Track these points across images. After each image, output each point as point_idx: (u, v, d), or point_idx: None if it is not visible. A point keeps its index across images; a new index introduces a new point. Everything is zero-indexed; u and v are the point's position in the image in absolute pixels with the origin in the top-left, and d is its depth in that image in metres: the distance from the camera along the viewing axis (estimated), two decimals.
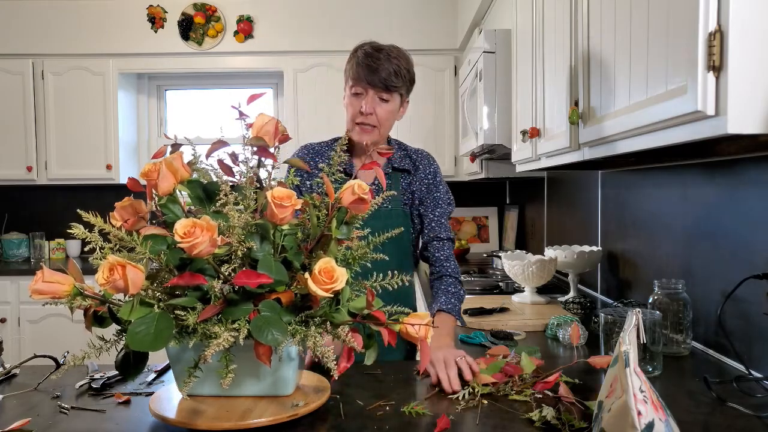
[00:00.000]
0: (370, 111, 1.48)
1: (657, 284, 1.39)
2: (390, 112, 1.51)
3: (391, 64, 1.47)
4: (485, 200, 4.14)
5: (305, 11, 3.75)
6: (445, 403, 1.06)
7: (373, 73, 1.46)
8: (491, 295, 2.27)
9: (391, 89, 1.48)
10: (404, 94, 1.55)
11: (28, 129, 3.72)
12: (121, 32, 3.73)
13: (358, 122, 1.50)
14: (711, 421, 0.98)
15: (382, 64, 1.46)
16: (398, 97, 1.52)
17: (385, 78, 1.46)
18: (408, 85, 1.54)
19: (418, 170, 1.62)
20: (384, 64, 1.46)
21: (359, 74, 1.47)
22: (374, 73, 1.46)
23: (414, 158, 1.63)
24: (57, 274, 0.90)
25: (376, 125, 1.50)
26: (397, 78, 1.48)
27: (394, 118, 1.55)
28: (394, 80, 1.47)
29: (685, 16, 0.90)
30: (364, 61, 1.47)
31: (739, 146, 1.22)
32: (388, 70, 1.46)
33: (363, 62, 1.47)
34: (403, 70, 1.50)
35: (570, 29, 1.48)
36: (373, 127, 1.50)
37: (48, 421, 1.00)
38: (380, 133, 1.52)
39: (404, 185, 1.60)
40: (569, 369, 1.20)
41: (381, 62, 1.46)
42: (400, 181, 1.60)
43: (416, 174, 1.61)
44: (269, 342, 0.88)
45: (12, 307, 3.50)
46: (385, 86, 1.47)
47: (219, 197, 0.98)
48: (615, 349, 0.86)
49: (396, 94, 1.51)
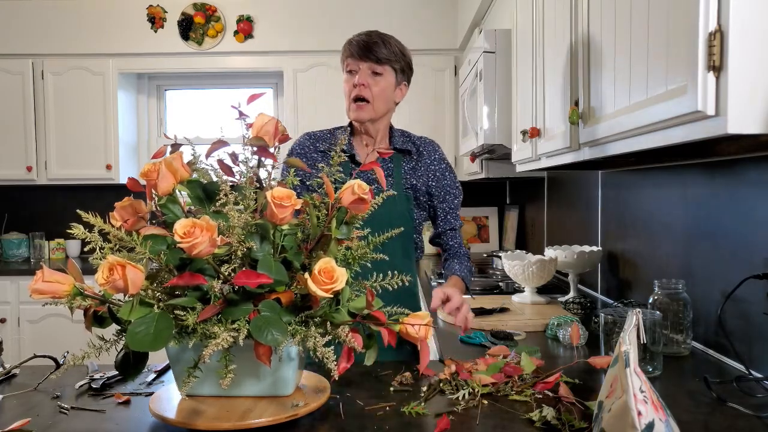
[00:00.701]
0: (363, 82, 1.53)
1: (657, 284, 1.39)
2: (383, 88, 1.55)
3: (385, 42, 1.55)
4: (485, 200, 4.14)
5: (305, 11, 3.75)
6: (445, 403, 1.06)
7: (366, 47, 1.53)
8: (491, 295, 2.27)
9: (383, 61, 1.53)
10: (398, 72, 1.58)
11: (28, 129, 3.72)
12: (121, 32, 3.73)
13: (353, 98, 1.54)
14: (711, 421, 0.98)
15: (374, 40, 1.54)
16: (392, 72, 1.57)
17: (376, 51, 1.52)
18: (402, 65, 1.59)
19: (422, 156, 1.65)
20: (375, 40, 1.54)
21: (351, 52, 1.55)
22: (367, 48, 1.53)
23: (418, 144, 1.66)
24: (57, 273, 0.90)
25: (369, 99, 1.54)
26: (388, 51, 1.54)
27: (390, 97, 1.59)
28: (384, 52, 1.53)
29: (685, 16, 0.90)
30: (357, 39, 1.55)
31: (739, 146, 1.22)
32: (379, 44, 1.53)
33: (356, 40, 1.55)
34: (396, 48, 1.56)
35: (570, 29, 1.48)
36: (367, 102, 1.54)
37: (48, 421, 1.00)
38: (374, 108, 1.55)
39: (407, 168, 1.62)
40: (569, 369, 1.20)
41: (372, 39, 1.54)
42: (402, 164, 1.63)
43: (420, 159, 1.64)
44: (269, 342, 0.88)
45: (12, 307, 3.50)
46: (377, 59, 1.53)
47: (219, 197, 0.98)
48: (615, 349, 0.86)
49: (388, 68, 1.55)
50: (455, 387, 1.11)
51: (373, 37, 1.54)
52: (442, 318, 1.81)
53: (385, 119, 1.62)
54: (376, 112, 1.56)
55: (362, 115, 1.55)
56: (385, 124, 1.63)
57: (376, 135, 1.62)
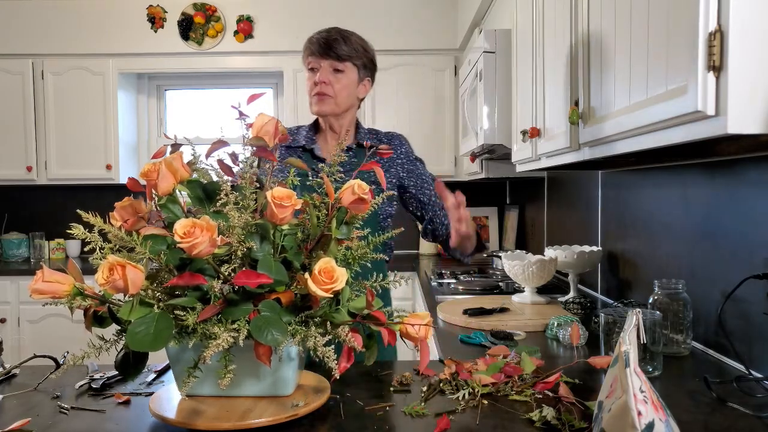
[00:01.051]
0: (324, 80, 1.54)
1: (657, 284, 1.39)
2: (345, 85, 1.56)
3: (345, 39, 1.55)
4: (485, 200, 4.14)
5: (305, 11, 3.75)
6: (445, 403, 1.06)
7: (326, 44, 1.54)
8: (491, 295, 2.27)
9: (344, 58, 1.54)
10: (360, 68, 1.59)
11: (28, 129, 3.72)
12: (121, 32, 3.73)
13: (315, 93, 1.55)
14: (711, 421, 0.98)
15: (334, 37, 1.54)
16: (354, 69, 1.57)
17: (336, 48, 1.53)
18: (365, 61, 1.59)
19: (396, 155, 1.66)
20: (335, 37, 1.54)
21: (312, 50, 1.55)
22: (327, 45, 1.54)
23: (384, 140, 1.67)
24: (57, 273, 0.90)
25: (331, 95, 1.55)
26: (348, 48, 1.55)
27: (353, 92, 1.59)
28: (345, 49, 1.54)
29: (685, 16, 0.90)
30: (317, 37, 1.56)
31: (739, 146, 1.22)
32: (339, 41, 1.54)
33: (316, 37, 1.56)
34: (357, 45, 1.57)
35: (570, 29, 1.48)
36: (328, 96, 1.55)
37: (48, 421, 1.00)
38: (336, 103, 1.56)
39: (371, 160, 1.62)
40: (569, 369, 1.20)
41: (332, 35, 1.54)
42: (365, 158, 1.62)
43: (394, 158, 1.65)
44: (269, 342, 0.88)
45: (12, 307, 3.50)
46: (338, 56, 1.53)
47: (219, 197, 0.98)
48: (615, 349, 0.86)
49: (350, 64, 1.56)
50: (455, 387, 1.11)
51: (332, 34, 1.55)
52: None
53: (349, 114, 1.63)
54: (339, 106, 1.57)
55: (324, 108, 1.56)
56: (350, 119, 1.64)
57: (341, 130, 1.63)
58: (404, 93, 3.76)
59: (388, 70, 3.73)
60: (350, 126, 1.65)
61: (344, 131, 1.64)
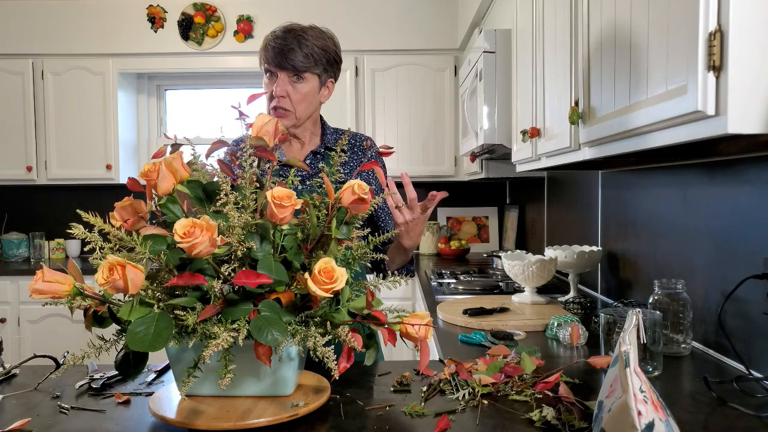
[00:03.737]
0: (282, 94, 1.45)
1: (657, 284, 1.39)
2: (304, 94, 1.47)
3: (301, 45, 1.44)
4: (485, 200, 4.14)
5: (305, 11, 3.75)
6: (445, 403, 1.06)
7: (281, 55, 1.43)
8: (491, 295, 2.27)
9: (301, 70, 1.45)
10: (322, 74, 1.50)
11: (28, 129, 3.72)
12: (121, 32, 3.74)
13: (273, 107, 1.47)
14: (711, 421, 0.98)
15: (289, 46, 1.43)
16: (315, 78, 1.48)
17: (292, 59, 1.43)
18: (326, 66, 1.50)
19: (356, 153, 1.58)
20: (292, 45, 1.43)
21: (268, 57, 1.45)
22: (282, 56, 1.43)
23: (353, 142, 1.60)
24: (57, 273, 0.90)
25: (290, 109, 1.47)
26: (307, 59, 1.44)
27: (313, 100, 1.51)
28: (302, 61, 1.43)
29: (685, 16, 0.90)
30: (272, 44, 1.45)
31: (739, 146, 1.22)
32: (296, 51, 1.43)
33: (271, 45, 1.45)
34: (317, 50, 1.46)
35: (570, 29, 1.48)
36: (287, 111, 1.47)
37: (48, 421, 1.00)
38: (297, 116, 1.48)
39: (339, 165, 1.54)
40: (569, 369, 1.20)
41: (289, 44, 1.43)
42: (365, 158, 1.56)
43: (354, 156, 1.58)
44: (269, 342, 0.88)
45: (12, 307, 3.50)
46: (294, 68, 1.44)
47: (219, 197, 0.98)
48: (615, 349, 0.86)
49: (309, 74, 1.47)
50: (455, 387, 1.11)
51: (288, 41, 1.43)
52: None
53: (310, 121, 1.55)
54: (299, 119, 1.50)
55: (283, 123, 1.46)
56: (312, 122, 1.57)
57: (304, 136, 1.55)
58: (404, 93, 3.75)
59: (388, 70, 3.73)
60: (315, 129, 1.58)
61: (308, 135, 1.56)
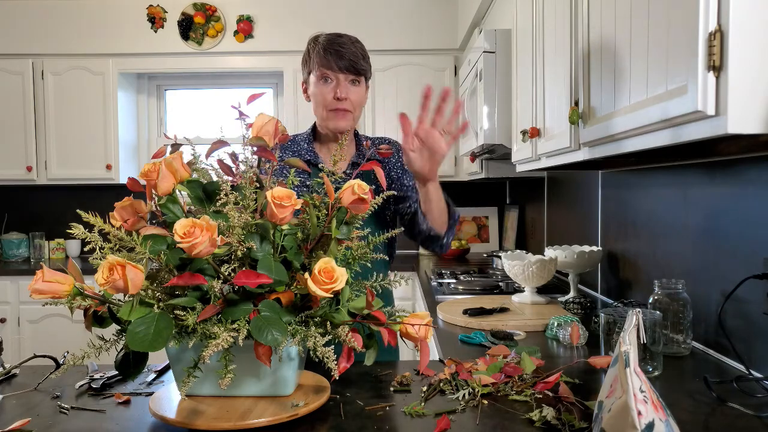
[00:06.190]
0: (345, 96, 1.50)
1: (657, 284, 1.39)
2: (361, 95, 1.55)
3: (356, 48, 1.51)
4: (485, 200, 4.14)
5: (305, 11, 3.75)
6: (445, 403, 1.06)
7: (342, 58, 1.49)
8: (491, 295, 2.27)
9: (360, 72, 1.52)
10: (368, 78, 1.57)
11: (28, 129, 3.72)
12: (121, 32, 3.74)
13: (333, 109, 1.51)
14: (711, 421, 0.98)
15: (348, 49, 1.49)
16: (364, 82, 1.56)
17: (354, 61, 1.49)
18: (370, 70, 1.57)
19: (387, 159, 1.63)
20: (350, 48, 1.50)
21: (328, 61, 1.49)
22: (342, 58, 1.49)
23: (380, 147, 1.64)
24: (57, 273, 0.90)
25: (351, 110, 1.52)
26: (364, 61, 1.52)
27: (364, 102, 1.58)
28: (362, 63, 1.51)
29: (685, 16, 0.90)
30: (330, 48, 1.49)
31: (739, 146, 1.22)
32: (355, 53, 1.50)
33: (329, 48, 1.49)
34: (367, 56, 1.54)
35: (570, 29, 1.48)
36: (348, 111, 1.52)
37: (48, 421, 1.00)
38: (354, 117, 1.55)
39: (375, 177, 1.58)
40: (569, 369, 1.20)
41: (346, 47, 1.49)
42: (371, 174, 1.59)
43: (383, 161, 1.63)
44: (269, 342, 0.88)
45: (12, 307, 3.50)
46: (355, 70, 1.50)
47: (219, 197, 0.98)
48: (615, 349, 0.86)
49: (363, 77, 1.54)
50: (455, 387, 1.11)
51: (348, 47, 1.49)
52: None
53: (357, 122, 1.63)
54: (356, 120, 1.57)
55: (344, 124, 1.52)
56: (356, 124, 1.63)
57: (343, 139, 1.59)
58: (404, 93, 3.76)
59: (388, 70, 3.73)
60: (352, 134, 1.62)
61: (347, 140, 1.60)
